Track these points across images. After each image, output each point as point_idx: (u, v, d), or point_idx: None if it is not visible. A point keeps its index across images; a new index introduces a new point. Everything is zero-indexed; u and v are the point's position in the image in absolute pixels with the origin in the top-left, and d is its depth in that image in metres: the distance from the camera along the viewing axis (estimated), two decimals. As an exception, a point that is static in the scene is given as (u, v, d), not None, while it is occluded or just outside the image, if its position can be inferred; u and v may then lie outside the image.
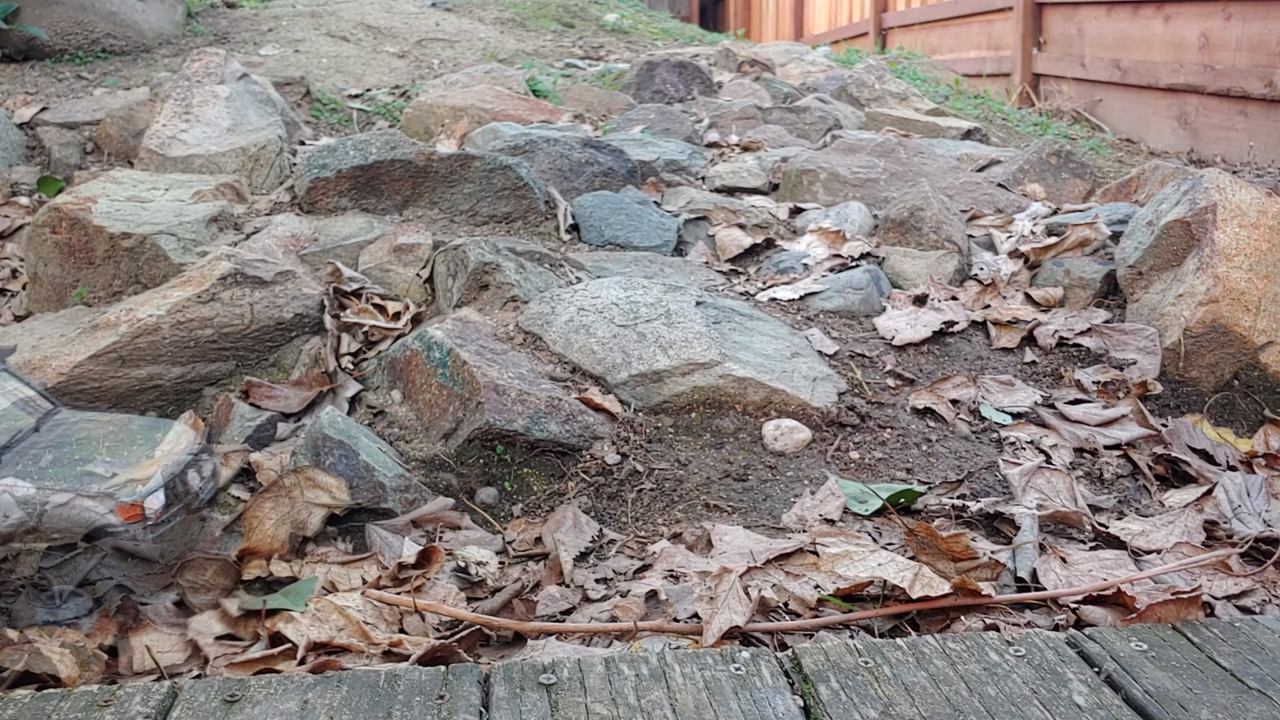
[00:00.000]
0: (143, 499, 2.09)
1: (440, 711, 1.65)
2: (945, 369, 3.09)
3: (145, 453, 2.21)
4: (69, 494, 2.06)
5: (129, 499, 2.07)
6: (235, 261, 3.05)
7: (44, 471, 2.11)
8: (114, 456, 2.19)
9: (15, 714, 1.68)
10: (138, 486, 2.10)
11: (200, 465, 2.28)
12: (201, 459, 2.30)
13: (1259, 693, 1.71)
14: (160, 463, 2.19)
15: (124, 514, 2.07)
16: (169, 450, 2.25)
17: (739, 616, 2.02)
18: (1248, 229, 3.11)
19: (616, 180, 4.06)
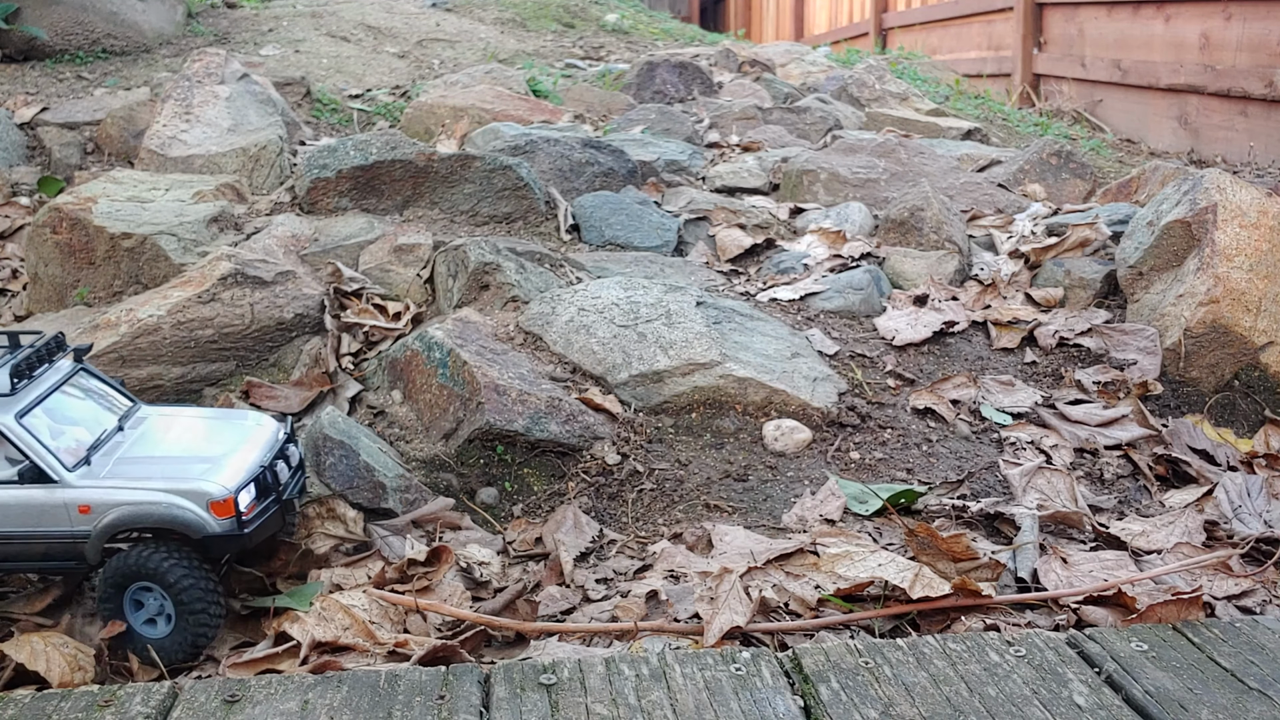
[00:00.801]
0: (235, 493, 2.05)
1: (440, 711, 1.65)
2: (945, 369, 3.09)
3: (232, 445, 2.18)
4: (161, 491, 2.03)
5: (221, 494, 2.04)
6: (236, 262, 3.05)
7: (133, 469, 2.08)
8: (201, 451, 2.16)
9: (15, 714, 1.68)
10: (229, 481, 2.07)
11: (289, 455, 2.25)
12: (289, 449, 2.26)
13: (1259, 693, 1.71)
14: (249, 455, 2.16)
15: (217, 510, 2.04)
16: (256, 441, 2.21)
17: (740, 617, 2.02)
18: (1248, 229, 3.11)
19: (617, 180, 4.06)
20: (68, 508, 2.01)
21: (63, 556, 2.06)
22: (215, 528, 2.03)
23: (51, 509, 2.01)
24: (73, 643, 2.01)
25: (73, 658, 1.96)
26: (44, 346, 2.16)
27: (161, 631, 2.07)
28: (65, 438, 2.07)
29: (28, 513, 2.01)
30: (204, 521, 2.03)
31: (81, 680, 1.93)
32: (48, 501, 2.01)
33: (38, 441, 2.01)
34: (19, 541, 2.03)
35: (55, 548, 2.04)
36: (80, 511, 2.01)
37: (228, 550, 2.09)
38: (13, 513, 2.01)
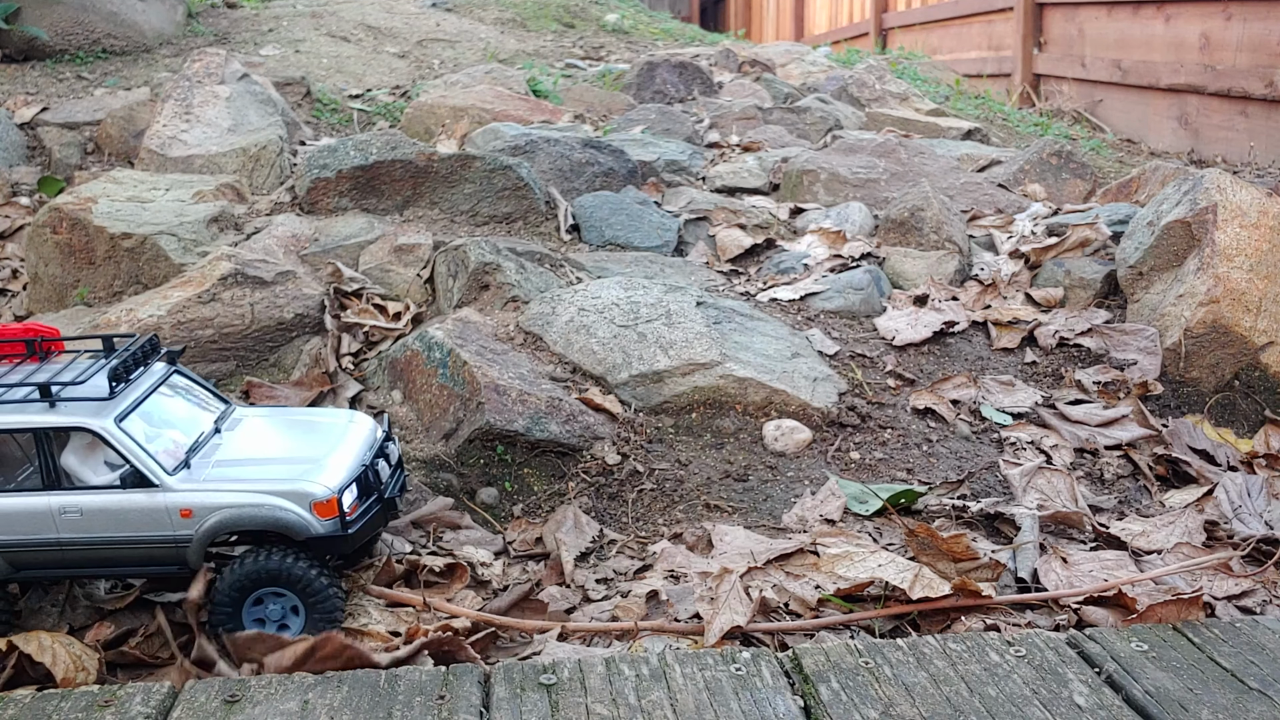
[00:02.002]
0: (338, 494, 2.03)
1: (440, 711, 1.65)
2: (946, 369, 3.09)
3: (331, 444, 2.15)
4: (264, 493, 2.00)
5: (324, 495, 2.01)
6: (236, 262, 3.05)
7: (234, 471, 2.06)
8: (301, 451, 2.14)
9: (16, 714, 1.68)
10: (331, 481, 2.04)
11: (388, 453, 2.22)
12: (388, 447, 2.24)
13: (1259, 693, 1.71)
14: (348, 454, 2.13)
15: (320, 511, 2.01)
16: (354, 440, 2.19)
17: (740, 617, 2.02)
18: (1248, 229, 3.11)
19: (617, 180, 4.06)
20: (169, 512, 1.99)
21: (163, 561, 2.03)
22: (319, 529, 2.01)
23: (153, 513, 1.99)
24: (78, 643, 2.00)
25: (77, 657, 1.96)
26: (140, 349, 2.15)
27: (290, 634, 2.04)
28: (163, 441, 2.05)
29: (129, 517, 1.99)
30: (307, 523, 2.00)
31: (84, 680, 1.92)
32: (149, 506, 1.99)
33: (138, 445, 1.99)
34: (120, 546, 2.01)
35: (156, 552, 2.02)
36: (182, 515, 1.99)
37: (332, 551, 2.06)
38: (114, 518, 1.99)
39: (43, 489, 1.99)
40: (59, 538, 2.00)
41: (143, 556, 2.02)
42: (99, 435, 1.97)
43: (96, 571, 2.06)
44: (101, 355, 2.16)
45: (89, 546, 2.00)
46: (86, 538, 2.00)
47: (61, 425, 1.98)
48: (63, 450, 2.01)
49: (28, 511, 1.99)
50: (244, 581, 2.00)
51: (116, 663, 2.05)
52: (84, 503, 1.99)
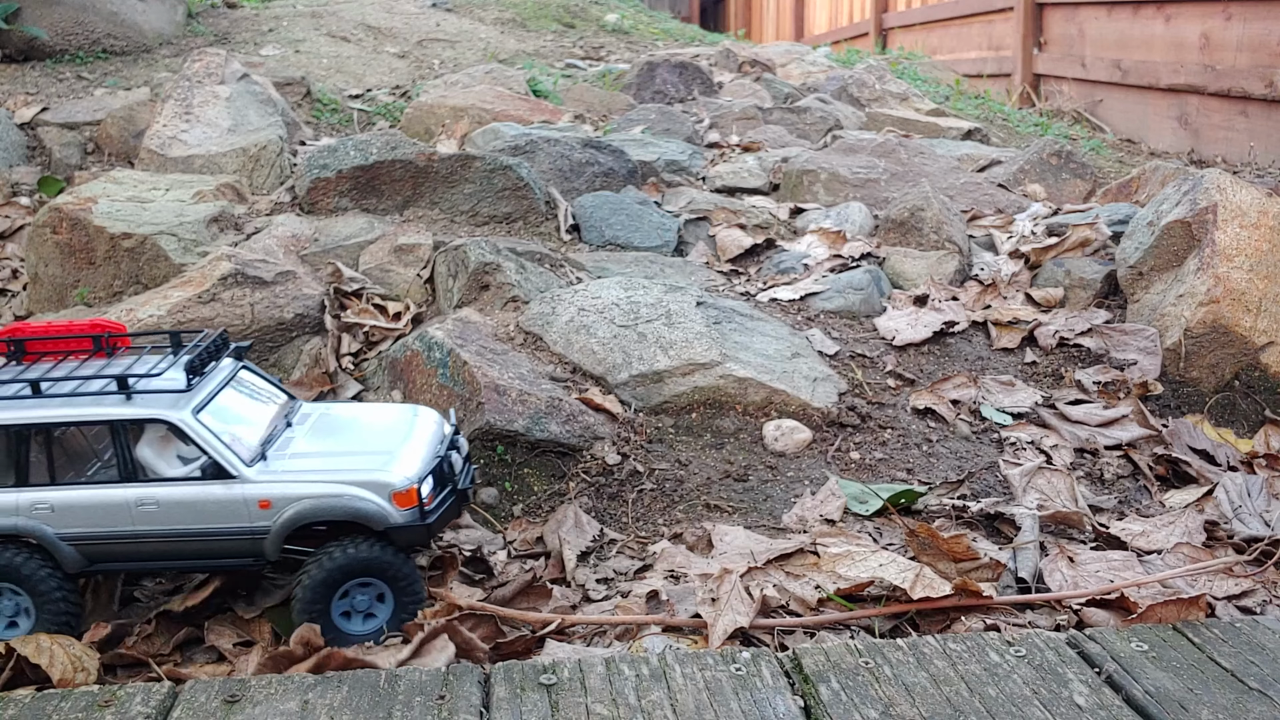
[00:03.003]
0: (417, 484, 2.03)
1: (440, 711, 1.65)
2: (946, 369, 3.09)
3: (402, 437, 2.16)
4: (343, 484, 2.01)
5: (404, 485, 2.02)
6: (236, 262, 3.05)
7: (310, 463, 2.06)
8: (374, 443, 2.14)
9: (16, 714, 1.68)
10: (409, 471, 2.05)
11: (459, 446, 2.22)
12: (458, 440, 2.24)
13: (1259, 693, 1.71)
14: (421, 446, 2.14)
15: (400, 501, 2.01)
16: (423, 433, 2.19)
17: (743, 617, 2.03)
18: (1248, 229, 3.11)
19: (617, 180, 4.06)
20: (247, 503, 1.99)
21: (240, 554, 2.03)
22: (398, 519, 2.01)
23: (230, 505, 1.99)
24: (78, 643, 2.00)
25: (76, 658, 1.95)
26: (212, 344, 2.15)
27: (372, 627, 2.05)
28: (237, 434, 2.05)
29: (206, 509, 1.99)
30: (387, 513, 2.00)
31: (83, 680, 1.92)
32: (226, 498, 1.99)
33: (215, 438, 1.99)
34: (198, 539, 2.01)
35: (233, 544, 2.02)
36: (260, 507, 1.99)
37: (410, 541, 2.07)
38: (191, 510, 1.99)
39: (119, 481, 2.00)
40: (135, 530, 2.00)
41: (219, 549, 2.02)
42: (176, 427, 1.98)
43: (170, 565, 2.06)
44: (168, 351, 2.17)
45: (165, 539, 2.01)
46: (162, 530, 2.00)
47: (139, 417, 1.98)
48: (137, 443, 2.01)
49: (104, 504, 1.99)
50: (337, 574, 2.01)
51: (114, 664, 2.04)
52: (161, 495, 1.99)
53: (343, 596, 2.04)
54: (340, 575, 2.01)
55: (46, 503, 1.99)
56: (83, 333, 2.18)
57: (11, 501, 1.99)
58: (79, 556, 2.01)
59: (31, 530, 1.99)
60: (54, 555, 2.01)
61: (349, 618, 2.05)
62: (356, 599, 2.04)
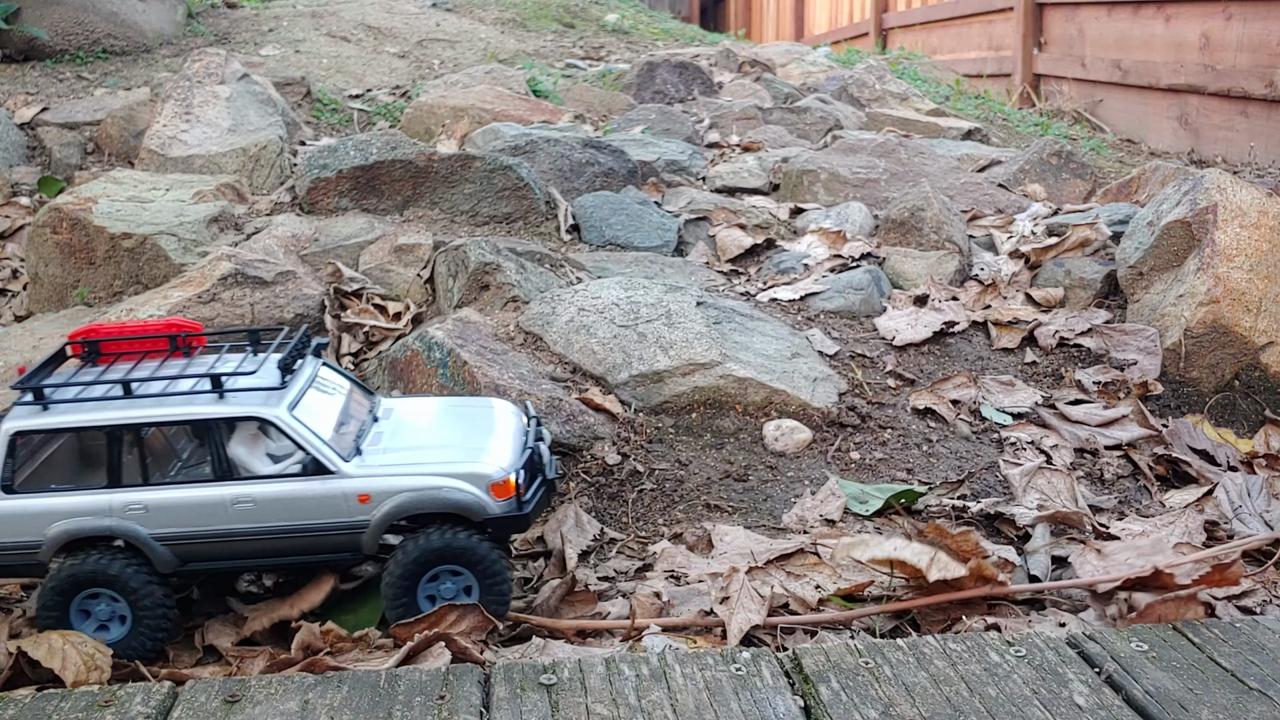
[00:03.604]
0: (513, 475, 2.04)
1: (440, 711, 1.65)
2: (946, 369, 3.09)
3: (488, 429, 2.17)
4: (441, 476, 2.02)
5: (500, 475, 2.03)
6: (236, 262, 3.05)
7: (404, 456, 2.07)
8: (463, 436, 2.15)
9: (16, 714, 1.68)
10: (504, 462, 2.06)
11: (544, 437, 2.23)
12: (543, 431, 2.24)
13: (1259, 693, 1.71)
14: (509, 437, 2.15)
15: (497, 491, 2.02)
16: (507, 425, 2.20)
17: (756, 616, 2.03)
18: (1248, 229, 3.11)
19: (617, 180, 4.06)
20: (346, 498, 1.99)
21: (338, 548, 2.03)
22: (495, 509, 2.02)
23: (329, 500, 1.99)
24: (91, 642, 1.98)
25: (89, 657, 1.94)
26: (299, 342, 2.15)
27: None
28: (329, 430, 2.05)
29: (304, 505, 1.99)
30: (485, 504, 2.01)
31: (97, 680, 1.91)
32: (325, 492, 1.99)
33: (312, 433, 2.00)
34: (295, 535, 2.01)
35: (331, 539, 2.02)
36: (360, 501, 2.00)
37: (508, 532, 2.08)
38: (289, 506, 1.99)
39: (214, 480, 1.99)
40: (230, 529, 2.00)
41: (317, 544, 2.02)
42: (273, 424, 1.98)
43: (266, 562, 2.06)
44: (248, 349, 2.18)
45: (261, 536, 2.00)
46: (259, 527, 2.00)
47: (235, 415, 1.98)
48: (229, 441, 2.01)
49: (200, 503, 1.99)
50: (428, 556, 2.01)
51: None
52: (257, 492, 1.99)
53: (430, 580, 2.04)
54: (432, 558, 2.01)
55: (140, 503, 1.98)
56: (159, 333, 2.17)
57: (105, 502, 1.98)
58: (172, 557, 2.01)
59: (125, 531, 1.98)
60: (147, 556, 2.00)
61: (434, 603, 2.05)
62: (443, 586, 2.05)
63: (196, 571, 2.06)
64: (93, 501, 1.98)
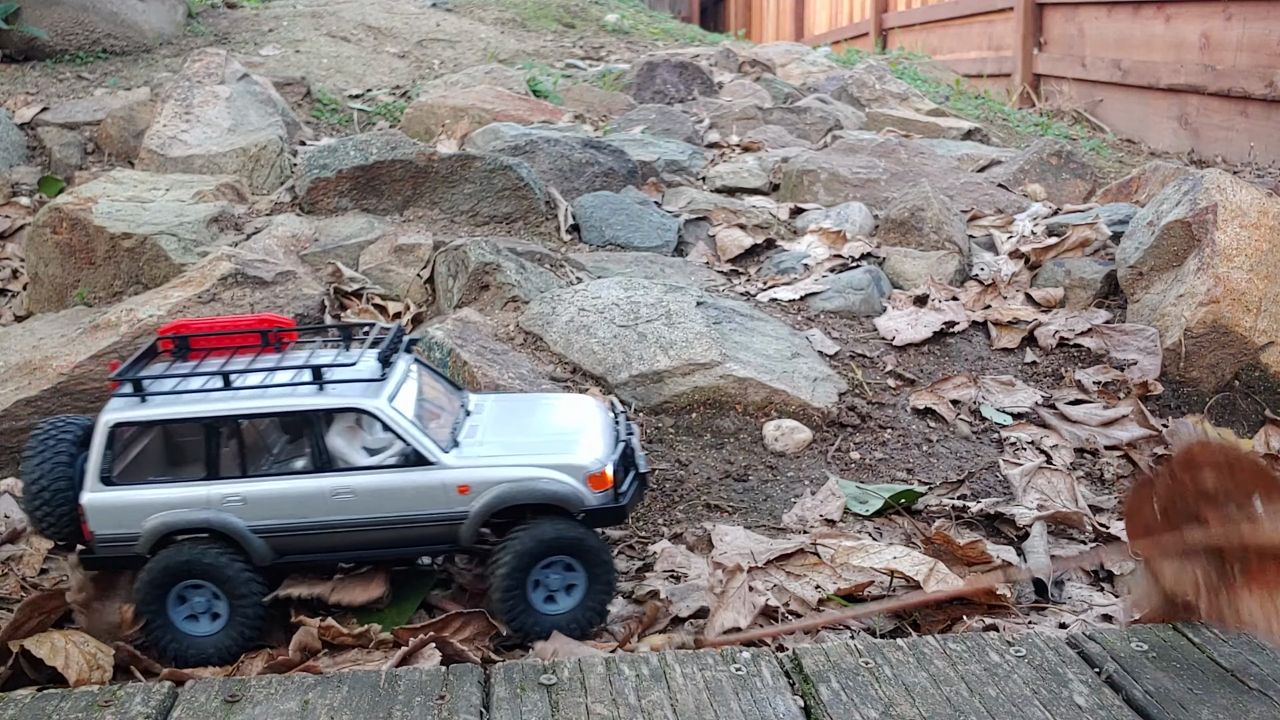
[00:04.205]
0: (608, 467, 2.04)
1: (440, 711, 1.65)
2: (946, 369, 3.09)
3: (578, 422, 2.17)
4: (540, 467, 2.01)
5: (597, 467, 2.03)
6: (236, 262, 3.05)
7: (501, 448, 2.07)
8: (555, 429, 2.15)
9: (16, 714, 1.68)
10: (600, 454, 2.06)
11: (634, 431, 2.23)
12: (632, 426, 2.24)
13: (1259, 693, 1.71)
14: (599, 430, 2.15)
15: (594, 483, 2.02)
16: (595, 417, 2.21)
17: (742, 619, 2.03)
18: (1248, 229, 3.11)
19: (617, 180, 4.06)
20: (446, 488, 1.99)
21: (435, 539, 2.03)
22: (592, 501, 2.02)
23: (429, 491, 1.99)
24: (93, 641, 1.98)
25: (91, 656, 1.94)
26: (394, 336, 2.15)
27: (565, 606, 2.05)
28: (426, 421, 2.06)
29: (404, 496, 1.99)
30: (582, 496, 2.01)
31: (99, 679, 1.91)
32: (426, 483, 1.99)
33: (413, 425, 2.00)
34: (394, 526, 2.01)
35: (430, 530, 2.01)
36: (459, 492, 1.99)
37: (604, 524, 2.07)
38: (389, 497, 1.99)
39: (314, 471, 1.99)
40: (329, 520, 1.99)
41: (415, 535, 2.02)
42: (374, 415, 1.98)
43: (362, 554, 2.05)
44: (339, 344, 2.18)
45: (359, 528, 2.00)
46: (358, 519, 1.99)
47: (336, 407, 1.98)
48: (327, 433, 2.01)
49: (299, 494, 1.98)
50: (541, 547, 2.00)
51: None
52: (357, 483, 1.99)
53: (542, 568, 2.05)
54: (545, 549, 2.01)
55: (239, 495, 1.98)
56: (250, 327, 2.17)
57: (203, 495, 1.97)
58: (269, 549, 2.00)
59: (223, 523, 1.97)
60: (244, 548, 1.99)
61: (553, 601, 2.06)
62: (550, 577, 2.04)
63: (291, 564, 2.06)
64: (191, 494, 1.98)
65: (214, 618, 2.02)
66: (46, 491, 1.98)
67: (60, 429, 2.05)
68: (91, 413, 2.75)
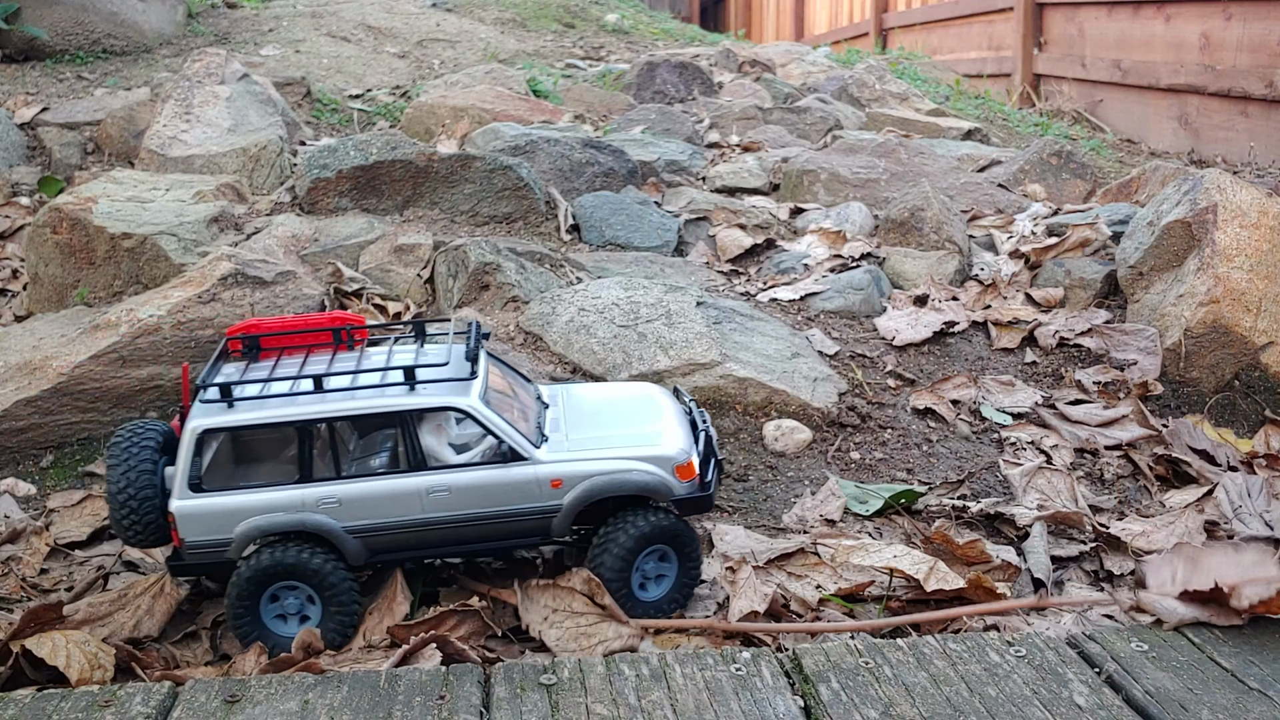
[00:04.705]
0: (693, 457, 2.07)
1: (440, 711, 1.65)
2: (946, 369, 3.09)
3: (656, 413, 2.19)
4: (630, 459, 2.04)
5: (684, 458, 2.06)
6: (236, 262, 3.05)
7: (588, 441, 2.08)
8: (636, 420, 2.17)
9: (16, 714, 1.68)
10: (682, 445, 2.08)
11: (706, 418, 2.24)
12: (705, 415, 2.25)
13: (1259, 693, 1.71)
14: (677, 420, 2.17)
15: (681, 473, 2.05)
16: (669, 407, 2.22)
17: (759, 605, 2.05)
18: (1248, 229, 3.11)
19: (617, 180, 4.06)
20: (539, 483, 2.01)
21: (528, 533, 2.05)
22: (680, 491, 2.05)
23: (524, 486, 2.01)
24: (94, 641, 1.98)
25: (93, 656, 1.93)
26: (476, 332, 2.16)
27: (656, 594, 2.08)
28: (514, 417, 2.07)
29: (499, 492, 2.01)
30: (671, 486, 2.05)
31: (100, 679, 1.90)
32: (520, 479, 2.01)
33: (505, 421, 2.01)
34: (491, 521, 2.02)
35: (523, 525, 2.04)
36: (552, 486, 2.02)
37: (691, 513, 2.11)
38: (485, 493, 2.01)
39: (408, 471, 2.00)
40: (424, 518, 2.00)
41: (507, 530, 2.04)
42: (469, 414, 1.99)
43: (454, 550, 2.06)
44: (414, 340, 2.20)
45: (454, 525, 2.02)
46: (453, 515, 2.01)
47: (430, 406, 1.99)
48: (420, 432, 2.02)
49: (395, 494, 1.99)
50: (643, 541, 2.04)
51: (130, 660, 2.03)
52: (453, 481, 2.00)
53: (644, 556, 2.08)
54: (645, 542, 2.04)
55: (334, 496, 1.98)
56: (322, 326, 2.17)
57: (297, 497, 1.98)
58: (362, 548, 2.01)
59: (317, 525, 1.98)
60: (339, 549, 2.00)
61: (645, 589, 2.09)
62: (646, 565, 2.08)
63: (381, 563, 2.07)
64: (285, 497, 1.98)
65: (303, 619, 2.03)
66: (134, 500, 1.98)
67: (140, 435, 2.04)
68: (92, 412, 2.76)
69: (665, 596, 2.08)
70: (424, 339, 2.23)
